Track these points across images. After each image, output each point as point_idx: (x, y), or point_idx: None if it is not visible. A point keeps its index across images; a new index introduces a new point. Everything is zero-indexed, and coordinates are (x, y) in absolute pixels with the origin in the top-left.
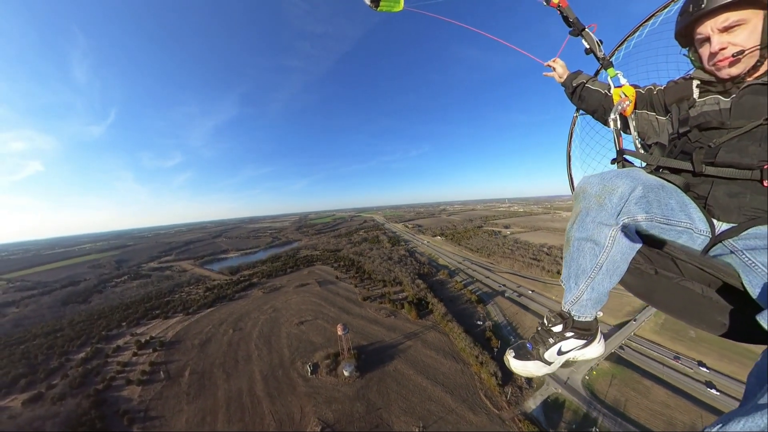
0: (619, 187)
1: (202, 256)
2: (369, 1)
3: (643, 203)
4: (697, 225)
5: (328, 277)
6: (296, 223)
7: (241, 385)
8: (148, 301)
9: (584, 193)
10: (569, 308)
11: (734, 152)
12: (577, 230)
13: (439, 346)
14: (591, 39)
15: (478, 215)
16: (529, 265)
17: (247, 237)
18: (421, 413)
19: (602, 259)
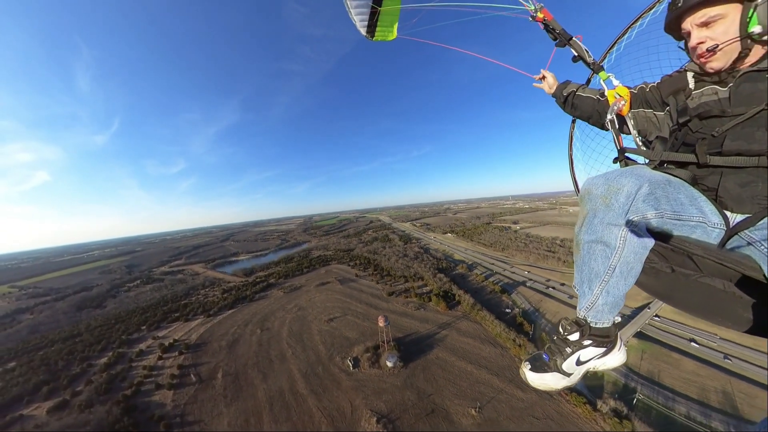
0: (624, 186)
1: (213, 260)
2: (365, 32)
3: (651, 200)
4: (709, 218)
5: (347, 276)
6: (302, 226)
7: (281, 384)
8: (165, 305)
9: (589, 195)
10: (585, 314)
11: (740, 139)
12: (585, 233)
13: (474, 333)
14: (579, 47)
15: (484, 212)
16: (545, 257)
17: (255, 240)
18: (472, 395)
19: (615, 260)
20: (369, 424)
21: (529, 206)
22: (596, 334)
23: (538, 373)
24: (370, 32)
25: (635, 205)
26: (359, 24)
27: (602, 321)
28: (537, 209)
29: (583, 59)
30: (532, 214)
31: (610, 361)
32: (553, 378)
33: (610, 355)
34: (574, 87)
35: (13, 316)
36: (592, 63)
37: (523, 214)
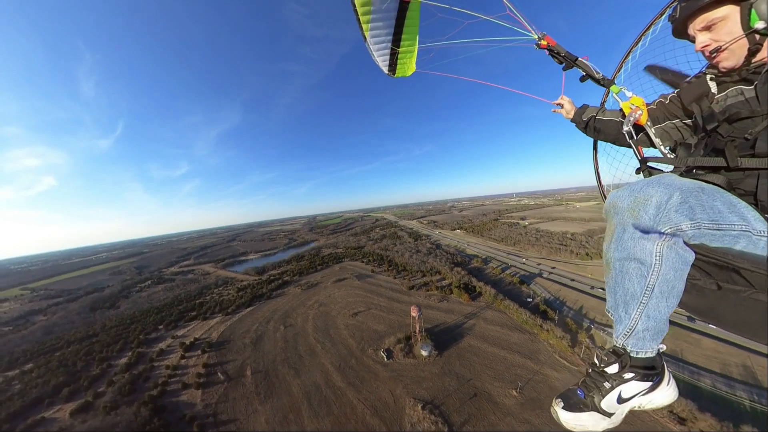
0: (652, 197)
1: (222, 259)
2: (387, 69)
3: (684, 210)
4: (754, 226)
5: (363, 272)
6: (306, 225)
7: (315, 379)
8: (180, 304)
9: (615, 209)
10: (623, 343)
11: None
12: (615, 250)
13: (500, 321)
14: (586, 66)
15: (489, 209)
16: (557, 250)
17: (262, 240)
18: (510, 377)
19: (652, 279)
20: (414, 411)
21: (534, 203)
22: (639, 366)
23: (572, 412)
24: (392, 70)
25: (667, 215)
26: (381, 64)
27: (644, 350)
28: (543, 205)
29: (591, 77)
30: (539, 211)
31: (658, 398)
32: (591, 418)
33: (658, 391)
34: (593, 111)
35: (27, 317)
36: (602, 79)
37: (529, 210)
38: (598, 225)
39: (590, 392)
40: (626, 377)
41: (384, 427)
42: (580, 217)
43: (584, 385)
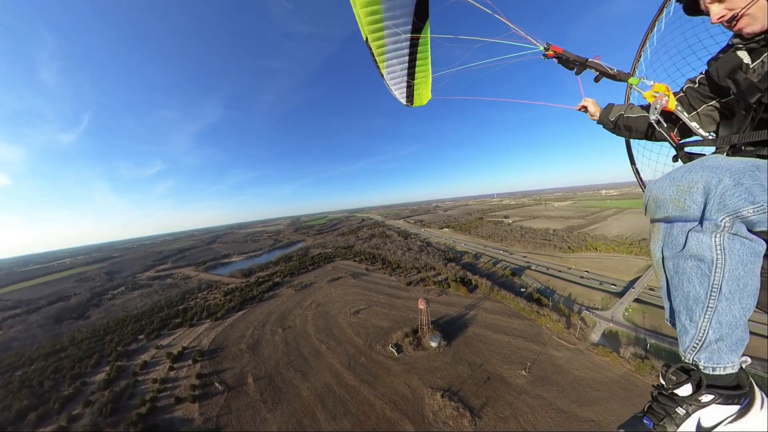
0: (697, 182)
1: (204, 262)
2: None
3: (740, 193)
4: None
5: (357, 270)
6: (291, 226)
7: (325, 380)
8: (160, 311)
9: (656, 203)
10: (693, 357)
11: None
12: (665, 249)
13: (499, 310)
14: (598, 66)
15: (473, 209)
16: (542, 245)
17: (245, 241)
18: (517, 359)
19: (717, 277)
20: (434, 400)
21: (515, 203)
22: (718, 386)
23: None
24: (410, 101)
25: (721, 202)
26: (399, 96)
27: (722, 364)
28: (524, 205)
29: (606, 75)
30: (520, 210)
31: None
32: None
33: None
34: (620, 109)
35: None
36: (618, 74)
37: (511, 209)
38: (576, 222)
39: (660, 420)
40: (704, 400)
41: (406, 419)
42: (559, 215)
43: (651, 413)
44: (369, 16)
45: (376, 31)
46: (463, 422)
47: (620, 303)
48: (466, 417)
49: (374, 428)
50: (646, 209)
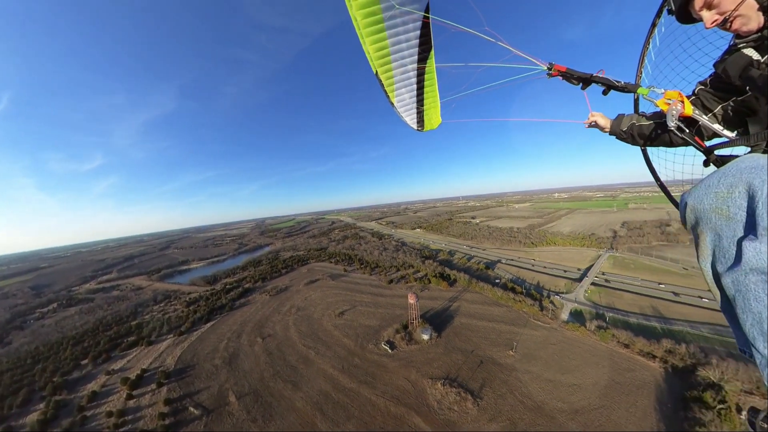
0: (737, 186)
1: (158, 270)
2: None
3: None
4: None
5: (334, 272)
6: (255, 229)
7: (320, 387)
8: (108, 329)
9: (696, 213)
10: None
11: None
12: (719, 264)
13: (480, 300)
14: (604, 79)
15: (441, 211)
16: (509, 242)
17: (205, 246)
18: (503, 342)
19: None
20: (435, 389)
21: (480, 204)
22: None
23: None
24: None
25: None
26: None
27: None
28: (488, 207)
29: (614, 87)
30: (485, 211)
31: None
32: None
33: None
34: (631, 119)
35: None
36: (625, 86)
37: (476, 211)
38: (535, 221)
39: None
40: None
41: (412, 412)
42: (520, 215)
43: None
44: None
45: (384, 65)
46: (467, 405)
47: (580, 286)
48: (469, 399)
49: (382, 428)
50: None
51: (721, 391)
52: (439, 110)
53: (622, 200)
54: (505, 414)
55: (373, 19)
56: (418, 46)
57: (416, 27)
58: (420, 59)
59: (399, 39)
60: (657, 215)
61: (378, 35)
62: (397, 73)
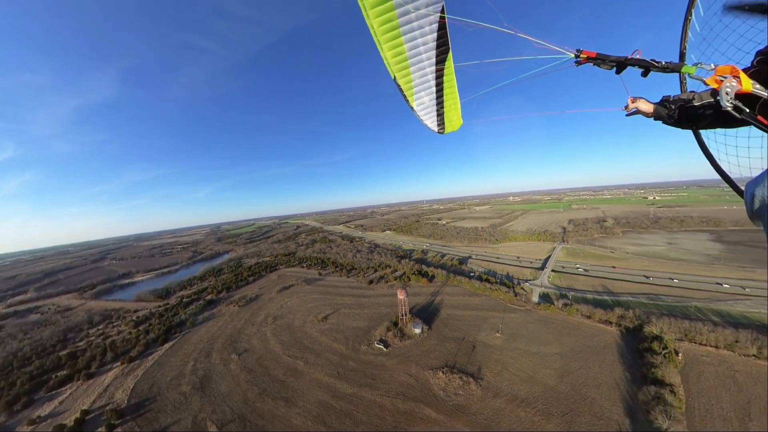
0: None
1: (92, 286)
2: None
3: None
4: None
5: (309, 276)
6: (211, 236)
7: (317, 397)
8: (26, 364)
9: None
10: None
11: None
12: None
13: (460, 293)
14: (641, 61)
15: (407, 214)
16: (476, 240)
17: (151, 255)
18: (488, 327)
19: None
20: (438, 379)
21: (443, 207)
22: None
23: None
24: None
25: None
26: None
27: None
28: (451, 209)
29: (652, 67)
30: (449, 213)
31: None
32: None
33: None
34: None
35: None
36: (667, 66)
37: (441, 213)
38: (496, 221)
39: None
40: None
41: (421, 404)
42: (482, 216)
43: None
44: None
45: (402, 69)
46: (471, 387)
47: (543, 273)
48: (471, 382)
49: (395, 427)
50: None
51: (663, 341)
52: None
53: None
54: (506, 389)
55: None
56: (436, 48)
57: (433, 29)
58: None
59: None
60: (595, 214)
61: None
62: (416, 77)
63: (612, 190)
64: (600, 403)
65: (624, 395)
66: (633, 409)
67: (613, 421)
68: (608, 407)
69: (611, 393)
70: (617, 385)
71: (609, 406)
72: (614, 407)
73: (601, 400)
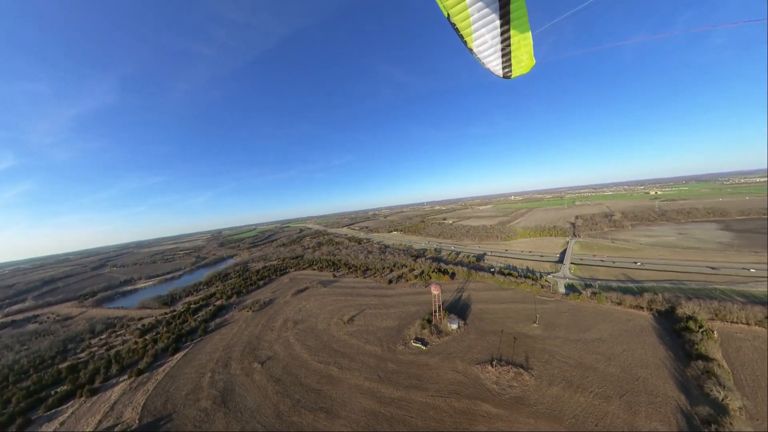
0: None
1: (93, 293)
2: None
3: None
4: None
5: (323, 278)
6: (212, 241)
7: (361, 405)
8: (23, 379)
9: None
10: None
11: None
12: None
13: (485, 288)
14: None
15: (411, 215)
16: (486, 237)
17: (152, 262)
18: (524, 318)
19: None
20: (488, 373)
21: (445, 208)
22: None
23: None
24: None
25: None
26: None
27: None
28: (454, 209)
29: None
30: (453, 213)
31: None
32: None
33: None
34: None
35: None
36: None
37: (445, 213)
38: (503, 219)
39: None
40: None
41: (478, 401)
42: (487, 215)
43: None
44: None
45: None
46: (524, 378)
47: (564, 266)
48: (523, 373)
49: (455, 427)
50: None
51: (697, 320)
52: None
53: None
54: (558, 376)
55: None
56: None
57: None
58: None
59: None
60: (600, 209)
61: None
62: (474, 11)
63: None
64: (652, 381)
65: (672, 372)
66: (685, 385)
67: (669, 397)
68: (661, 384)
69: (660, 371)
70: (663, 363)
71: (661, 384)
72: (666, 384)
73: (653, 378)
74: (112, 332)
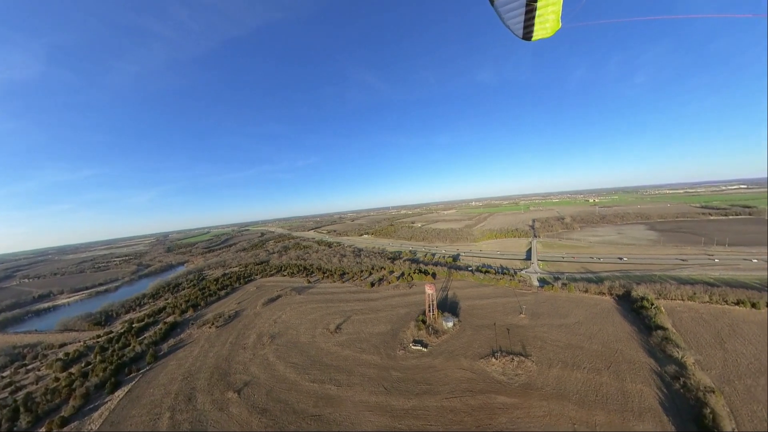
0: None
1: None
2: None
3: None
4: None
5: (295, 285)
6: (158, 245)
7: (372, 423)
8: None
9: None
10: None
11: None
12: None
13: (467, 285)
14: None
15: (378, 219)
16: (457, 239)
17: (79, 271)
18: (511, 310)
19: None
20: (493, 365)
21: (412, 212)
22: None
23: None
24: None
25: None
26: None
27: None
28: (420, 213)
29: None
30: (420, 217)
31: None
32: None
33: None
34: None
35: None
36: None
37: (412, 217)
38: (469, 222)
39: None
40: None
41: (492, 394)
42: (452, 219)
43: None
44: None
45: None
46: (527, 365)
47: (532, 263)
48: (525, 361)
49: (479, 426)
50: None
51: (649, 299)
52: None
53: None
54: (555, 358)
55: None
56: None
57: None
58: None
59: None
60: (552, 214)
61: None
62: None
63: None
64: (627, 351)
65: (640, 342)
66: (651, 351)
67: (643, 363)
68: (634, 353)
69: (631, 343)
70: (631, 336)
71: (634, 353)
72: (638, 353)
73: (627, 349)
74: (21, 366)
